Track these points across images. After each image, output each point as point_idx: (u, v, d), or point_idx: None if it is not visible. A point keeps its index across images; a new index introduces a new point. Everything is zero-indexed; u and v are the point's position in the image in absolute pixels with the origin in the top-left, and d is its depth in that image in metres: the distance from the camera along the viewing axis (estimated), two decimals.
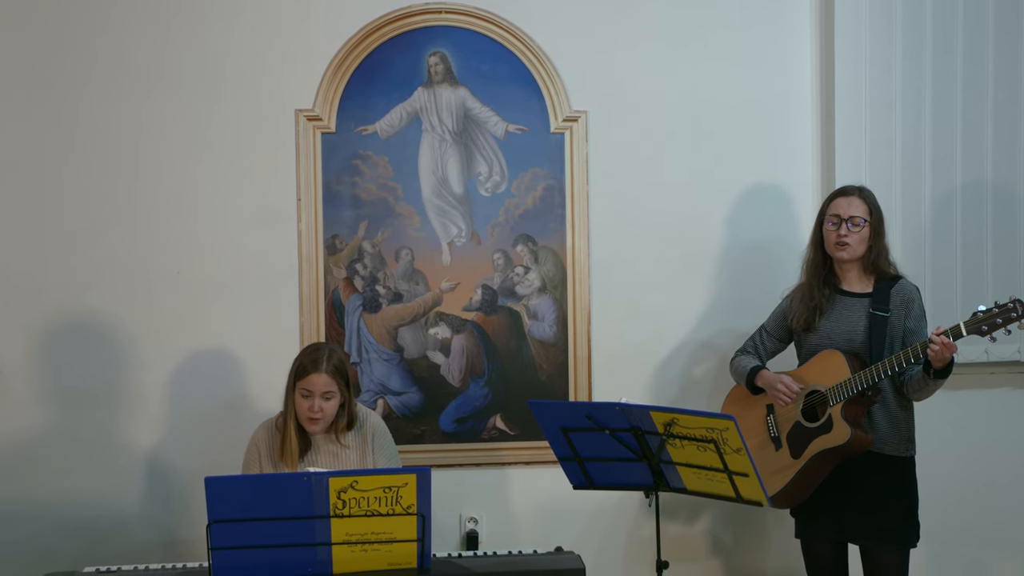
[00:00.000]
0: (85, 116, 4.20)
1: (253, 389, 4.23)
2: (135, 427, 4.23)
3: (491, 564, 3.25)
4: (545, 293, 4.34)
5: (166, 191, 4.23)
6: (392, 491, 3.06)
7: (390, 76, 4.27)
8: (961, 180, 4.38)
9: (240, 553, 3.05)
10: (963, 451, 4.45)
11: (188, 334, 4.23)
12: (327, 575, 3.09)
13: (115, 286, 4.21)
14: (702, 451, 3.12)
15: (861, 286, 3.74)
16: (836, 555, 3.79)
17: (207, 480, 3.02)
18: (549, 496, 4.25)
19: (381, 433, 3.70)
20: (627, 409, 3.16)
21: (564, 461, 3.38)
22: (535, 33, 4.31)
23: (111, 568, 3.30)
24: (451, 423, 4.32)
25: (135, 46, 4.21)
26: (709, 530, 4.43)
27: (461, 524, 4.30)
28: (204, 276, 4.24)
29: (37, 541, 4.14)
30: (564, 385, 4.33)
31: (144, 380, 4.23)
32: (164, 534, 4.21)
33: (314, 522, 3.04)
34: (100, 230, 4.21)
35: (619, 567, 4.36)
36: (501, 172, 4.32)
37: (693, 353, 4.42)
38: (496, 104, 4.31)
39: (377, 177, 4.27)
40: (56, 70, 4.19)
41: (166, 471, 4.22)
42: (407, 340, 4.30)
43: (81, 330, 4.21)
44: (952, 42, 4.37)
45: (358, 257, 4.28)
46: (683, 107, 4.40)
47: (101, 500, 4.19)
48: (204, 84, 4.23)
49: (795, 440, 3.70)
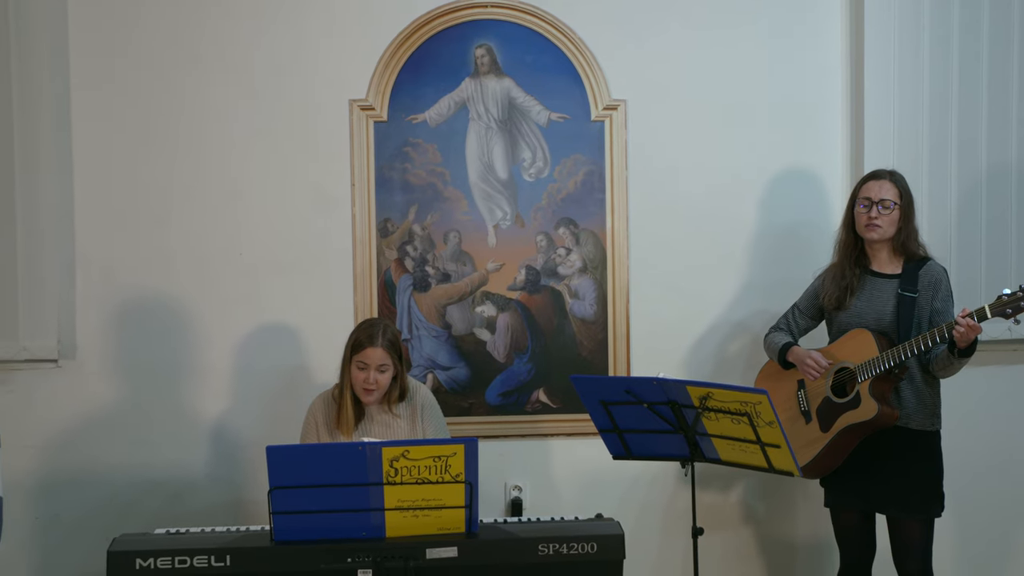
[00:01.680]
0: (157, 108, 4.24)
1: (310, 362, 4.26)
2: (202, 398, 4.27)
3: (534, 529, 3.25)
4: (586, 273, 4.34)
5: (230, 177, 4.26)
6: (441, 460, 3.09)
7: (439, 67, 4.27)
8: (986, 165, 4.32)
9: (299, 517, 3.09)
10: (987, 425, 4.41)
11: (250, 311, 4.27)
12: (381, 539, 3.12)
13: (183, 267, 4.25)
14: (736, 423, 3.12)
15: (891, 267, 3.71)
16: (863, 524, 3.77)
17: (269, 449, 3.06)
18: (589, 466, 4.26)
19: (430, 405, 3.73)
20: (665, 383, 3.16)
21: (604, 432, 3.39)
22: (576, 25, 4.30)
23: (180, 530, 3.33)
24: (496, 396, 4.33)
25: (204, 41, 4.25)
26: (741, 500, 4.42)
27: (506, 492, 4.32)
28: (265, 257, 4.27)
29: (114, 503, 4.20)
30: (604, 361, 4.33)
31: (210, 354, 4.27)
32: (231, 497, 4.25)
33: (368, 489, 3.07)
34: (169, 215, 4.25)
35: (655, 533, 4.37)
36: (544, 158, 4.32)
37: (727, 332, 4.40)
38: (539, 93, 4.30)
39: (426, 163, 4.28)
40: (130, 66, 4.23)
41: (231, 439, 4.27)
42: (455, 318, 4.31)
43: (152, 308, 4.26)
44: (978, 30, 4.30)
45: (408, 239, 4.29)
46: (717, 95, 4.37)
47: (172, 466, 4.24)
48: (266, 76, 4.25)
49: (824, 414, 3.69)
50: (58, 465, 4.22)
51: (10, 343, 4.13)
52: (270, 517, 3.09)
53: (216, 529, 3.34)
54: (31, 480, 4.19)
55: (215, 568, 3.09)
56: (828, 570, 4.14)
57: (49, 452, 4.22)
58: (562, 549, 3.18)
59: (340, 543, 3.10)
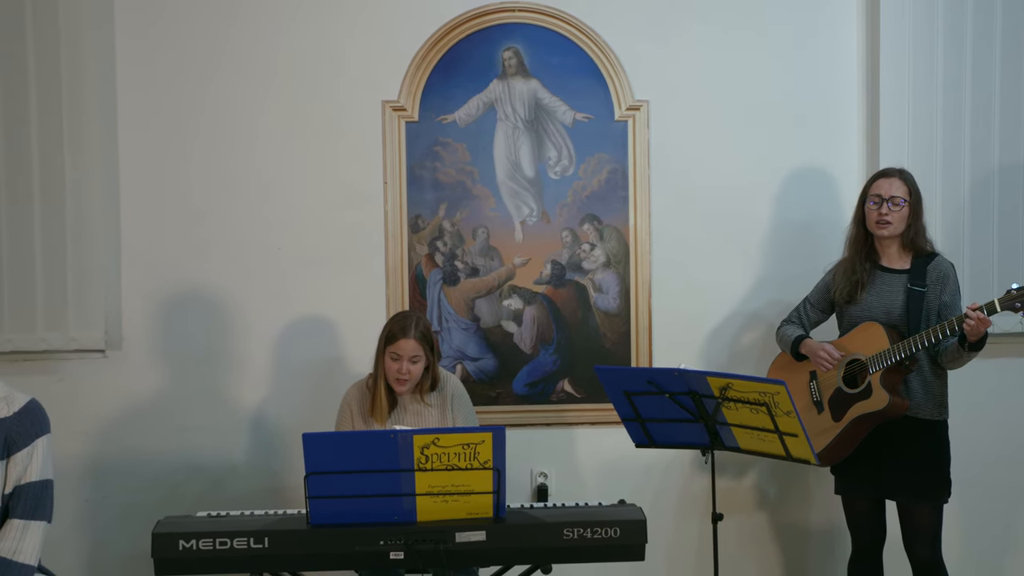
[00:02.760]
0: (198, 109, 4.25)
1: (344, 353, 4.26)
2: (241, 387, 4.28)
3: (560, 514, 3.25)
4: (609, 268, 4.32)
5: (268, 174, 4.27)
6: (470, 447, 3.09)
7: (468, 69, 4.26)
8: (998, 162, 4.29)
9: (334, 501, 3.10)
10: (997, 416, 4.38)
11: (287, 303, 4.28)
12: (412, 523, 3.13)
13: (224, 260, 4.27)
14: (755, 413, 3.10)
15: (900, 262, 3.69)
16: (874, 510, 3.76)
17: (304, 436, 3.07)
18: (613, 453, 4.24)
19: (460, 394, 3.73)
20: (686, 374, 3.15)
21: (627, 421, 3.38)
22: (600, 28, 4.28)
23: (220, 513, 3.35)
24: (523, 386, 4.32)
25: (243, 45, 4.25)
26: (756, 486, 4.40)
27: (532, 478, 4.31)
28: (301, 251, 4.27)
29: (158, 487, 4.21)
30: (626, 352, 4.32)
31: (248, 345, 4.28)
32: (269, 482, 4.26)
33: (400, 475, 3.08)
34: (210, 212, 4.26)
35: (675, 518, 4.36)
36: (569, 157, 4.30)
37: (743, 323, 4.38)
38: (565, 94, 4.29)
39: (456, 162, 4.27)
40: (172, 70, 4.24)
41: (269, 427, 4.28)
42: (483, 310, 4.31)
43: (193, 301, 4.27)
44: (991, 31, 4.26)
45: (438, 235, 4.29)
46: (736, 96, 4.34)
47: (213, 452, 4.26)
48: (302, 78, 4.26)
49: (836, 404, 3.67)
50: (105, 450, 4.25)
51: (59, 334, 4.15)
52: (306, 501, 3.10)
53: (255, 512, 3.36)
54: (80, 465, 4.22)
55: (254, 550, 3.11)
56: (840, 554, 4.12)
57: (97, 438, 4.24)
58: (586, 533, 3.18)
59: (373, 527, 3.11)
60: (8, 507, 3.03)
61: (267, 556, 3.12)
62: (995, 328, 3.53)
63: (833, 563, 4.32)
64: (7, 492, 3.02)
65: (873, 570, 3.80)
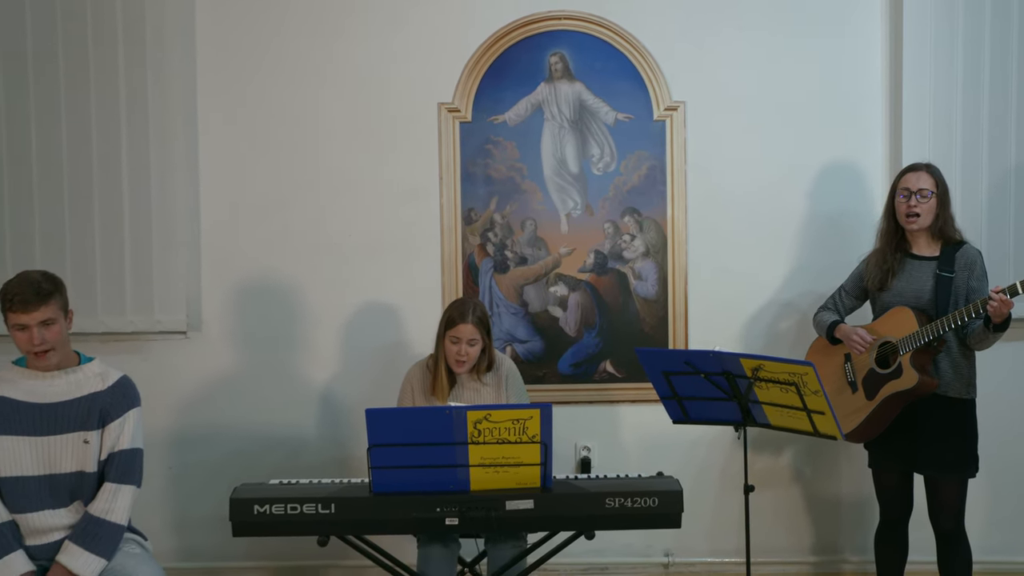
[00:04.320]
0: (270, 112, 4.30)
1: (403, 335, 4.29)
2: (310, 367, 4.32)
3: (602, 485, 3.24)
4: (648, 257, 4.30)
5: (335, 171, 4.30)
6: (520, 423, 3.08)
7: (517, 73, 4.26)
8: (1016, 156, 4.20)
9: (394, 471, 3.10)
10: (1015, 395, 4.29)
11: (351, 291, 4.31)
12: (466, 492, 3.12)
13: (294, 251, 4.31)
14: (785, 392, 3.07)
15: (929, 250, 3.62)
16: (903, 483, 3.70)
17: (368, 411, 3.08)
18: (651, 429, 4.23)
19: (514, 375, 3.72)
20: (720, 356, 3.13)
21: (665, 399, 3.36)
22: (640, 35, 4.25)
23: (292, 481, 3.37)
24: (568, 367, 4.32)
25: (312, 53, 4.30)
26: (791, 462, 4.36)
27: (576, 452, 4.31)
28: (364, 242, 4.30)
29: (236, 457, 4.28)
30: (664, 336, 4.30)
31: (317, 329, 4.32)
32: (336, 453, 4.30)
33: (455, 448, 3.08)
34: (282, 204, 4.30)
35: (711, 490, 4.33)
36: (611, 154, 4.28)
37: (778, 311, 4.33)
38: (607, 96, 4.27)
39: (506, 159, 4.28)
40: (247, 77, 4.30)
41: (336, 403, 4.31)
42: (531, 296, 4.30)
43: (266, 288, 4.32)
44: (1008, 36, 4.18)
45: (490, 227, 4.29)
46: (768, 96, 4.30)
47: (285, 426, 4.31)
48: (366, 83, 4.29)
49: (869, 384, 3.62)
50: (188, 424, 4.31)
51: (146, 317, 4.22)
52: (369, 471, 3.11)
53: (323, 481, 3.37)
54: (165, 436, 4.29)
55: (321, 515, 3.13)
56: (868, 525, 4.07)
57: (180, 412, 4.31)
58: (626, 503, 3.16)
59: (430, 495, 3.11)
60: (103, 472, 3.10)
61: (333, 521, 3.13)
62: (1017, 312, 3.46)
63: (861, 533, 4.27)
64: (102, 458, 3.09)
65: (899, 540, 3.75)
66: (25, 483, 3.01)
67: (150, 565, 3.05)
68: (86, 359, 3.15)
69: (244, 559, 4.31)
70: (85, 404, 3.07)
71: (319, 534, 3.15)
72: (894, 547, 3.76)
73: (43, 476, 3.03)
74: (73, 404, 3.06)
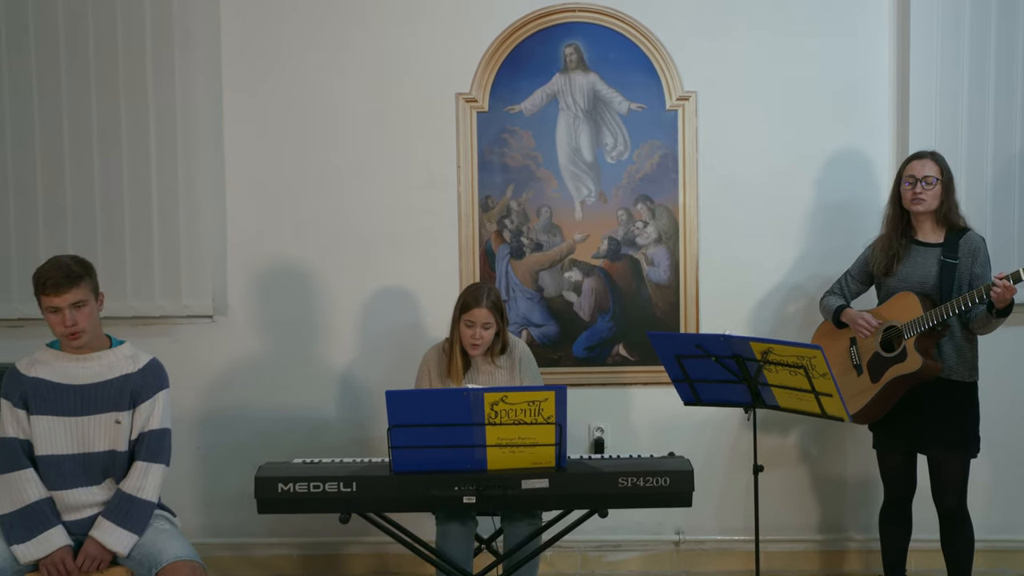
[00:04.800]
0: (292, 103, 4.30)
1: (422, 319, 4.30)
2: (331, 350, 4.34)
3: (615, 465, 3.25)
4: (660, 244, 4.30)
5: (356, 160, 4.31)
6: (535, 404, 3.09)
7: (533, 64, 4.26)
8: (1020, 144, 4.17)
9: (414, 451, 3.12)
10: (1017, 378, 4.27)
11: (371, 276, 4.31)
12: (483, 471, 3.14)
13: (315, 239, 4.32)
14: (793, 375, 3.08)
15: (934, 237, 3.62)
16: (907, 464, 3.71)
17: (387, 393, 3.10)
18: (663, 411, 4.23)
19: (527, 357, 3.73)
20: (731, 339, 3.14)
21: (677, 382, 3.37)
22: (653, 26, 4.24)
23: (314, 460, 3.39)
24: (582, 350, 4.33)
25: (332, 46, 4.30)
26: (798, 442, 4.36)
27: (590, 432, 4.32)
28: (383, 229, 4.31)
29: (260, 437, 4.30)
30: (676, 320, 4.29)
31: (338, 313, 4.33)
32: (357, 434, 4.32)
33: (472, 428, 3.09)
34: (304, 192, 4.32)
35: (721, 470, 4.33)
36: (624, 143, 4.28)
37: (785, 295, 4.32)
38: (620, 86, 4.26)
39: (522, 148, 4.28)
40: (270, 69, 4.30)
41: (356, 385, 4.33)
42: (546, 282, 4.31)
43: (289, 273, 4.33)
44: (1014, 27, 4.15)
45: (506, 214, 4.30)
46: (777, 86, 4.28)
47: (307, 407, 4.33)
48: (385, 73, 4.29)
49: (874, 367, 3.62)
50: (214, 404, 4.34)
51: (174, 302, 4.25)
52: (389, 451, 3.14)
53: (344, 460, 3.39)
54: (193, 416, 4.32)
55: (343, 493, 3.15)
56: (873, 505, 4.07)
57: (207, 393, 4.34)
58: (639, 482, 3.17)
59: (448, 474, 3.13)
60: (134, 451, 3.13)
61: (354, 498, 3.16)
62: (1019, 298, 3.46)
63: (866, 512, 4.27)
64: (133, 438, 3.12)
65: (903, 519, 3.76)
66: (60, 461, 3.05)
67: (179, 540, 3.08)
68: (117, 342, 3.18)
69: (269, 535, 4.34)
70: (117, 386, 3.10)
71: (341, 511, 3.17)
72: (898, 526, 3.77)
73: (77, 455, 3.06)
74: (105, 386, 3.09)
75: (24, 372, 3.08)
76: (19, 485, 3.01)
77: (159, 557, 2.98)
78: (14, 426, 3.05)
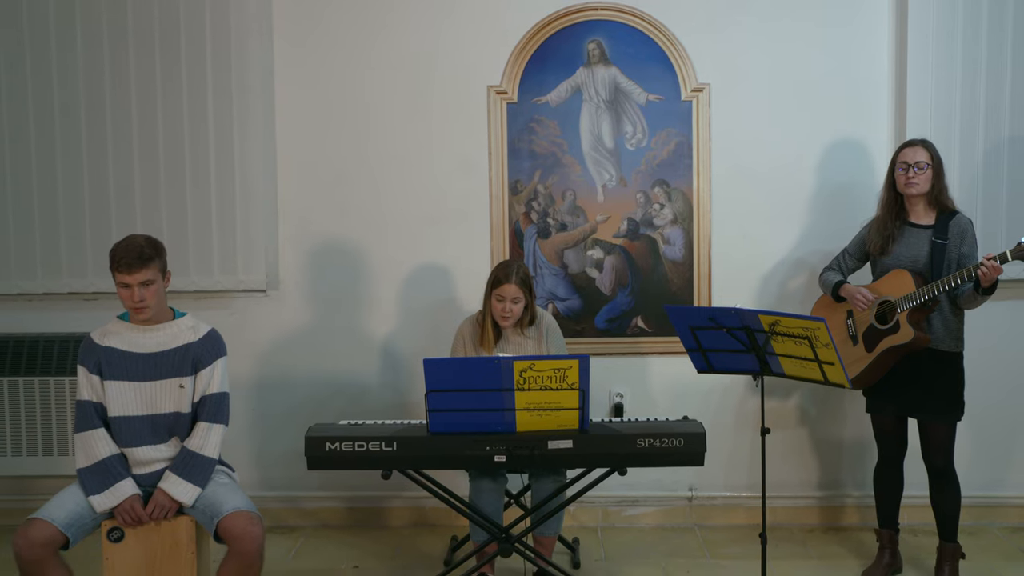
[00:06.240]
0: (339, 92, 4.29)
1: (456, 294, 4.29)
2: (373, 322, 4.35)
3: (633, 427, 3.26)
4: (676, 224, 4.27)
5: (394, 147, 4.30)
6: (560, 372, 3.10)
7: (558, 58, 4.23)
8: (1009, 134, 4.12)
9: (449, 414, 3.14)
10: (1004, 350, 4.23)
11: (411, 254, 4.32)
12: (512, 433, 3.16)
13: (360, 218, 4.32)
14: (798, 345, 3.06)
15: (926, 219, 3.59)
16: (898, 426, 3.70)
17: (425, 361, 3.11)
18: (678, 378, 4.22)
19: (553, 329, 3.73)
20: (741, 312, 3.12)
21: (691, 351, 3.35)
22: (670, 23, 4.20)
23: (358, 422, 3.42)
24: (603, 322, 4.31)
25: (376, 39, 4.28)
26: (798, 405, 4.35)
27: (610, 398, 4.32)
28: (421, 210, 4.30)
29: (310, 401, 4.32)
30: (690, 294, 4.27)
31: (380, 287, 4.33)
32: (397, 398, 4.33)
33: (503, 393, 3.11)
34: (349, 177, 4.31)
35: (729, 431, 4.33)
36: (643, 131, 4.24)
37: (789, 270, 4.29)
38: (639, 79, 4.22)
39: (548, 136, 4.25)
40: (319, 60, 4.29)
41: (396, 353, 4.34)
42: (570, 259, 4.30)
43: (336, 250, 4.34)
44: (1004, 23, 4.09)
45: (534, 196, 4.28)
46: (785, 78, 4.23)
47: (352, 374, 4.34)
48: (423, 68, 4.27)
49: (869, 338, 3.60)
50: (267, 371, 4.36)
51: (230, 277, 4.27)
52: (426, 414, 3.16)
53: (385, 422, 3.42)
54: (248, 382, 4.35)
55: (384, 452, 3.18)
56: (868, 463, 4.05)
57: (260, 361, 4.36)
58: (655, 443, 3.19)
59: (480, 435, 3.15)
60: (196, 413, 3.16)
61: (395, 457, 3.19)
62: (1006, 275, 3.43)
63: (862, 470, 4.26)
64: (195, 401, 3.15)
65: (895, 476, 3.75)
66: (131, 422, 3.08)
67: (237, 493, 3.11)
68: (180, 314, 3.20)
69: (317, 489, 4.38)
70: (180, 354, 3.12)
71: (383, 468, 3.20)
72: (891, 483, 3.76)
73: (145, 416, 3.09)
74: (170, 354, 3.11)
75: (98, 341, 3.11)
76: (93, 443, 3.05)
77: (220, 508, 3.01)
78: (89, 390, 3.08)
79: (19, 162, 4.29)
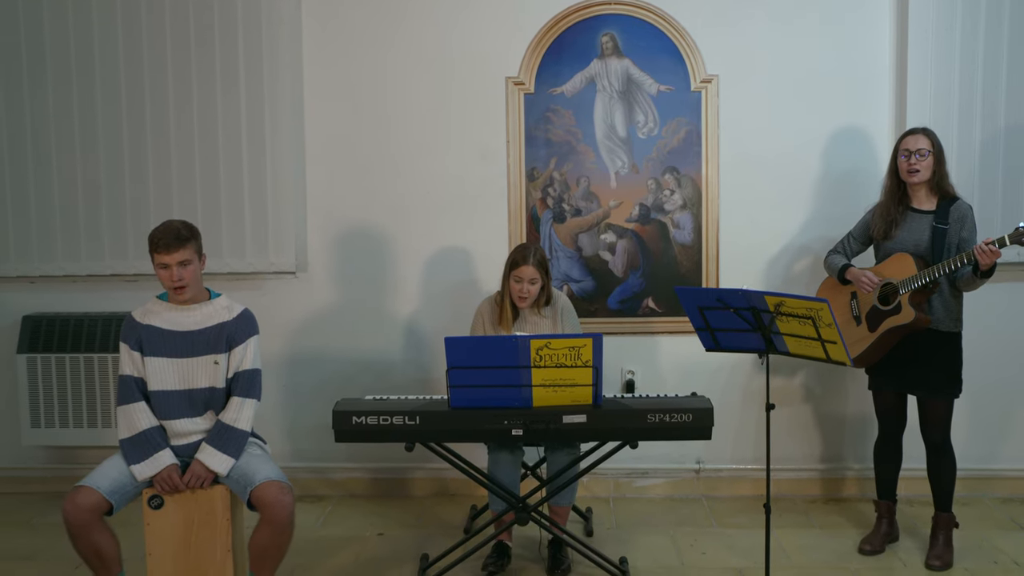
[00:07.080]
0: (364, 84, 4.29)
1: (476, 275, 4.30)
2: (397, 301, 4.36)
3: (644, 403, 3.26)
4: (686, 209, 4.25)
5: (417, 137, 4.29)
6: (575, 350, 3.09)
7: (573, 51, 4.20)
8: (1005, 124, 4.08)
9: (469, 390, 3.14)
10: (1001, 330, 4.20)
11: (433, 237, 4.32)
12: (529, 408, 3.16)
13: (385, 203, 4.32)
14: (802, 325, 3.03)
15: (927, 204, 3.55)
16: (898, 402, 3.68)
17: (447, 339, 3.12)
18: (687, 356, 4.22)
19: (568, 309, 3.72)
20: (748, 293, 3.10)
21: (699, 331, 3.34)
22: (680, 17, 4.17)
23: (383, 397, 3.42)
24: (616, 303, 4.30)
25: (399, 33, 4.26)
26: (803, 383, 4.33)
27: (622, 375, 4.32)
28: (443, 196, 4.30)
29: (336, 378, 4.33)
30: (698, 276, 4.26)
31: (403, 269, 4.34)
32: (419, 375, 4.34)
33: (520, 370, 3.10)
34: (373, 164, 4.31)
35: (736, 407, 4.32)
36: (654, 120, 4.22)
37: (794, 254, 4.27)
38: (650, 70, 4.19)
39: (563, 125, 4.23)
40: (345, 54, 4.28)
41: (419, 332, 4.35)
42: (584, 243, 4.29)
43: (362, 234, 4.34)
44: (1000, 17, 4.05)
45: (550, 183, 4.27)
46: (790, 69, 4.20)
47: (377, 351, 4.35)
48: (444, 60, 4.26)
49: (871, 318, 3.58)
50: (297, 349, 4.38)
51: (262, 259, 4.29)
52: (447, 389, 3.16)
53: (409, 397, 3.42)
54: (280, 359, 4.37)
55: (408, 425, 3.19)
56: (869, 438, 4.04)
57: (291, 339, 4.38)
58: (665, 418, 3.19)
59: (499, 410, 3.15)
60: (230, 388, 3.18)
61: (418, 430, 3.19)
62: (1004, 259, 3.40)
63: (863, 445, 4.24)
64: (229, 377, 3.17)
65: (895, 450, 3.74)
66: (168, 396, 3.10)
67: (269, 464, 3.13)
68: (215, 294, 3.21)
69: (344, 461, 4.41)
70: (215, 332, 3.13)
71: (406, 441, 3.21)
72: (890, 457, 3.75)
73: (183, 391, 3.11)
74: (205, 332, 3.13)
75: (139, 320, 3.13)
76: (134, 415, 3.08)
77: (253, 477, 3.03)
78: (130, 366, 3.11)
79: (63, 153, 4.32)
